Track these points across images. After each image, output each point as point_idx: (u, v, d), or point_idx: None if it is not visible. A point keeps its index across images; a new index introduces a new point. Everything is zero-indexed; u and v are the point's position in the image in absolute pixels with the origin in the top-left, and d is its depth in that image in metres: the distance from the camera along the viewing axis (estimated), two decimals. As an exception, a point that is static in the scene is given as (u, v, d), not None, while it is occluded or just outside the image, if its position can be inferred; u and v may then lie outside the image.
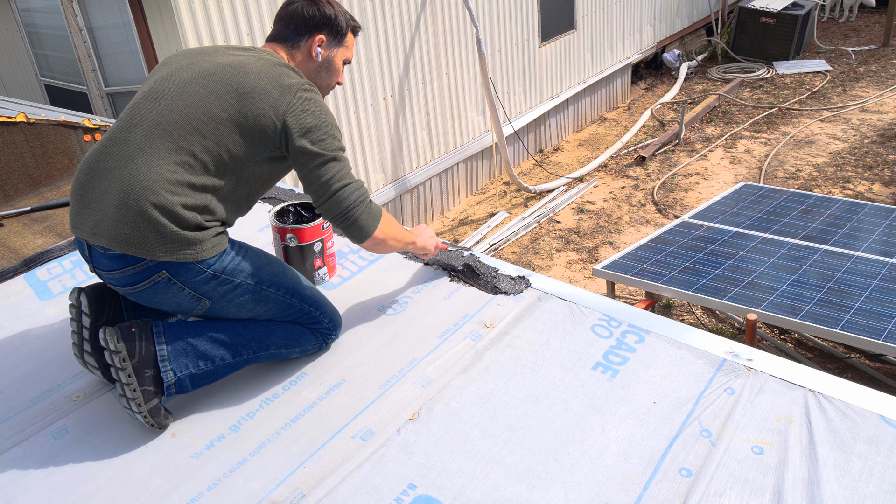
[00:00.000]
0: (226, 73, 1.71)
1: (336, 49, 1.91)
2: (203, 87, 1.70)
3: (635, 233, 6.04)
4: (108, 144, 1.69)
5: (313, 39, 1.86)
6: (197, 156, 1.65)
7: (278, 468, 1.58)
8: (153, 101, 1.70)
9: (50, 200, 2.98)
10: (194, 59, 1.77)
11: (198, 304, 1.73)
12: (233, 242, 1.79)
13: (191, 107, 1.67)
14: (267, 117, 1.69)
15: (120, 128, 1.71)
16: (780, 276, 3.91)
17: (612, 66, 8.77)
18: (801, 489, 1.43)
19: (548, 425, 1.64)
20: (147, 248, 1.61)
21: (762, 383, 1.71)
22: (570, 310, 2.03)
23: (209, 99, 1.68)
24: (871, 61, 9.65)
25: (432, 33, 6.09)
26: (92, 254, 1.69)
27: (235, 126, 1.68)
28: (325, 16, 1.86)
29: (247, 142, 1.70)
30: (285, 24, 1.87)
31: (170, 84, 1.72)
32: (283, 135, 1.71)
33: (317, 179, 1.74)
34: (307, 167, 1.73)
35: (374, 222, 1.80)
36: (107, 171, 1.65)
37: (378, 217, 1.82)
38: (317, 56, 1.88)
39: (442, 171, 6.60)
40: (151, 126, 1.66)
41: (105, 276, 1.70)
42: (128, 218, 1.60)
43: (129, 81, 5.05)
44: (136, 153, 1.64)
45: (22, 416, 1.81)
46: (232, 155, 1.69)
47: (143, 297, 1.71)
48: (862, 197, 6.24)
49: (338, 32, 1.90)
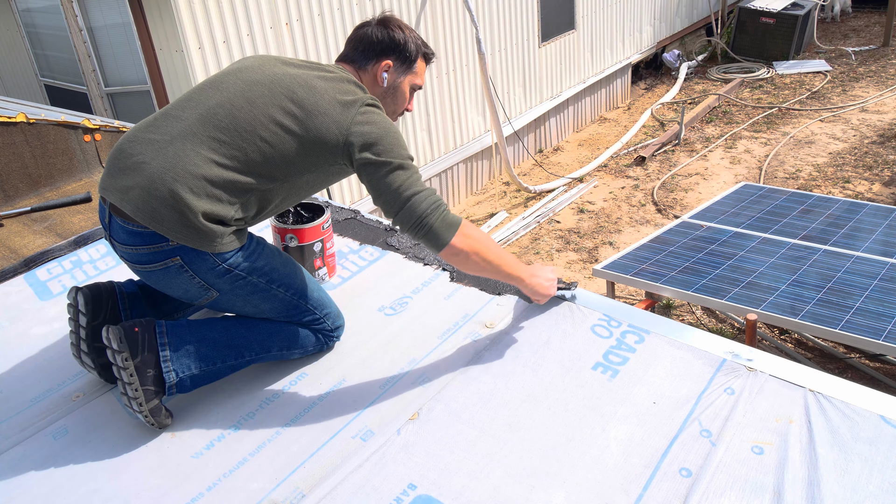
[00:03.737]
0: (294, 83, 1.70)
1: (404, 76, 1.87)
2: (268, 89, 1.68)
3: (635, 233, 6.04)
4: (161, 118, 1.68)
5: (380, 64, 1.83)
6: (249, 154, 1.64)
7: (278, 468, 1.58)
8: (215, 91, 1.70)
9: (50, 200, 2.98)
10: (266, 63, 1.76)
11: (205, 293, 1.73)
12: (251, 238, 1.78)
13: (252, 106, 1.66)
14: (331, 132, 1.67)
15: (176, 106, 1.70)
16: (780, 276, 3.91)
17: (612, 66, 8.78)
18: (801, 489, 1.43)
19: (548, 425, 1.64)
20: (168, 228, 1.60)
21: (762, 383, 1.71)
22: (570, 310, 2.03)
23: (271, 103, 1.66)
24: (871, 61, 9.65)
25: (432, 33, 6.09)
26: (112, 223, 1.68)
27: (296, 136, 1.66)
28: (393, 41, 1.82)
29: (306, 153, 1.68)
30: (354, 47, 1.84)
31: (236, 79, 1.72)
32: (346, 149, 1.68)
33: (385, 189, 1.67)
34: (374, 177, 1.68)
35: (449, 231, 1.69)
36: (150, 143, 1.64)
37: (455, 226, 1.70)
38: (382, 81, 1.84)
39: (442, 171, 6.60)
40: (207, 113, 1.65)
41: (120, 248, 1.69)
42: (159, 194, 1.58)
43: (129, 81, 5.05)
44: (185, 134, 1.63)
45: (22, 416, 1.81)
46: (288, 161, 1.67)
47: (151, 277, 1.70)
48: (862, 197, 6.24)
49: (406, 58, 1.86)
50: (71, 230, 2.80)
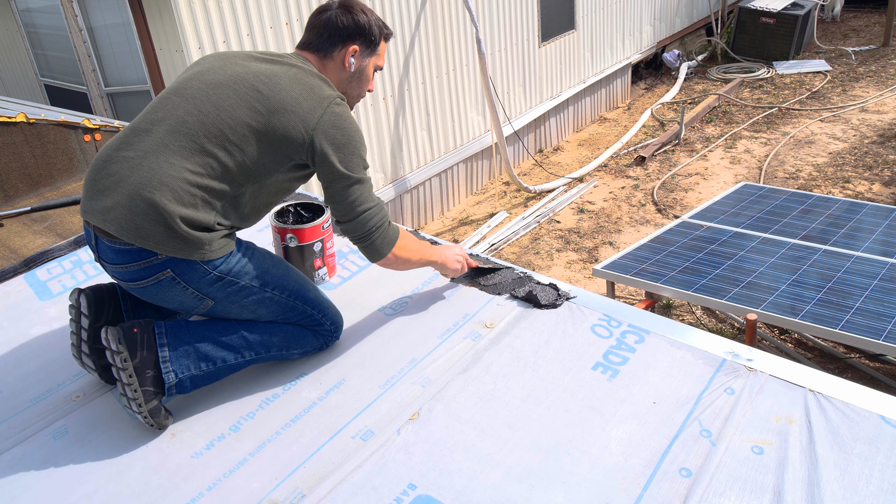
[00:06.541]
0: (257, 81, 1.70)
1: (369, 59, 1.89)
2: (233, 91, 1.69)
3: (635, 233, 6.04)
4: (130, 135, 1.68)
5: (347, 49, 1.83)
6: (220, 159, 1.64)
7: (278, 468, 1.58)
8: (181, 98, 1.69)
9: (50, 200, 2.98)
10: (227, 62, 1.76)
11: (200, 303, 1.73)
12: (240, 243, 1.78)
13: (219, 110, 1.66)
14: (297, 130, 1.68)
15: (144, 119, 1.70)
16: (780, 276, 3.91)
17: (612, 66, 8.77)
18: (801, 489, 1.43)
19: (548, 425, 1.64)
20: (154, 242, 1.60)
21: (762, 383, 1.71)
22: (570, 310, 2.03)
23: (237, 105, 1.67)
24: (871, 61, 9.65)
25: (432, 33, 6.09)
26: (98, 244, 1.68)
27: (263, 135, 1.67)
28: (359, 25, 1.83)
29: (273, 151, 1.69)
30: (318, 33, 1.83)
31: (199, 83, 1.71)
32: (310, 149, 1.70)
33: (342, 200, 1.76)
34: (333, 187, 1.75)
35: (388, 246, 1.84)
36: (125, 160, 1.64)
37: (393, 241, 1.85)
38: (350, 66, 1.85)
39: (442, 171, 6.60)
40: (176, 123, 1.65)
41: (110, 268, 1.69)
42: (140, 209, 1.59)
43: (128, 81, 5.05)
44: (158, 147, 1.63)
45: (22, 416, 1.81)
46: (257, 162, 1.68)
47: (145, 293, 1.70)
48: (862, 197, 6.24)
49: (371, 42, 1.87)
50: (71, 230, 2.80)
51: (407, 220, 6.36)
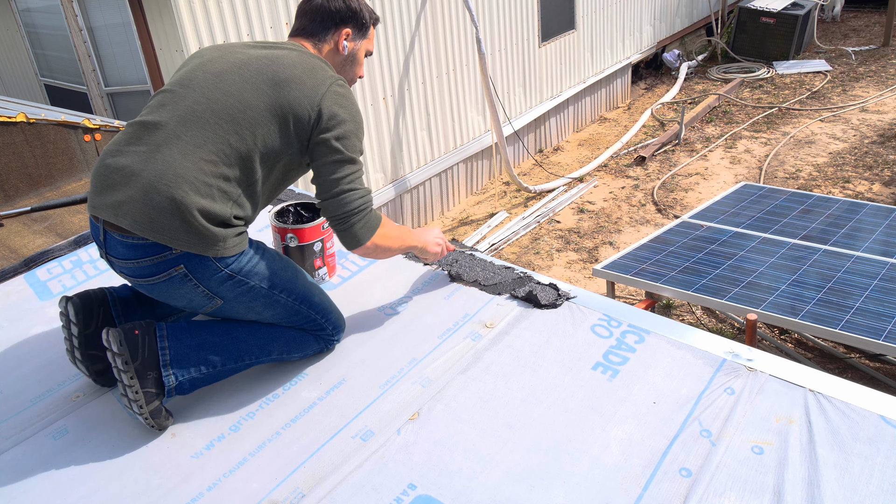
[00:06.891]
0: (261, 63, 1.71)
1: (360, 42, 1.93)
2: (238, 76, 1.69)
3: (635, 233, 6.04)
4: (138, 129, 1.67)
5: (340, 33, 1.87)
6: (233, 145, 1.64)
7: (278, 468, 1.58)
8: (187, 89, 1.69)
9: (50, 200, 2.99)
10: (226, 51, 1.77)
11: (210, 302, 1.72)
12: (252, 243, 1.78)
13: (227, 96, 1.66)
14: (302, 106, 1.69)
15: (151, 114, 1.69)
16: (780, 276, 3.91)
17: (612, 66, 8.77)
18: (801, 489, 1.43)
19: (548, 425, 1.64)
20: (169, 236, 1.59)
21: (762, 383, 1.71)
22: (570, 310, 2.03)
23: (245, 88, 1.67)
24: (871, 61, 9.65)
25: (432, 33, 6.09)
26: (107, 240, 1.66)
27: (271, 115, 1.67)
28: (350, 8, 1.87)
29: (282, 131, 1.69)
30: (311, 19, 1.86)
31: (204, 74, 1.71)
32: (315, 123, 1.71)
33: (328, 174, 1.73)
34: (323, 159, 1.73)
35: (368, 234, 1.79)
36: (136, 155, 1.62)
37: (374, 229, 1.80)
38: (343, 50, 1.88)
39: (442, 171, 6.60)
40: (186, 113, 1.65)
41: (118, 264, 1.67)
42: (156, 202, 1.57)
43: (129, 81, 5.05)
44: (170, 139, 1.62)
45: (22, 416, 1.81)
46: (267, 145, 1.68)
47: (154, 290, 1.69)
48: (862, 197, 6.24)
49: (362, 25, 1.91)
50: (71, 230, 2.80)
51: (407, 220, 6.36)
